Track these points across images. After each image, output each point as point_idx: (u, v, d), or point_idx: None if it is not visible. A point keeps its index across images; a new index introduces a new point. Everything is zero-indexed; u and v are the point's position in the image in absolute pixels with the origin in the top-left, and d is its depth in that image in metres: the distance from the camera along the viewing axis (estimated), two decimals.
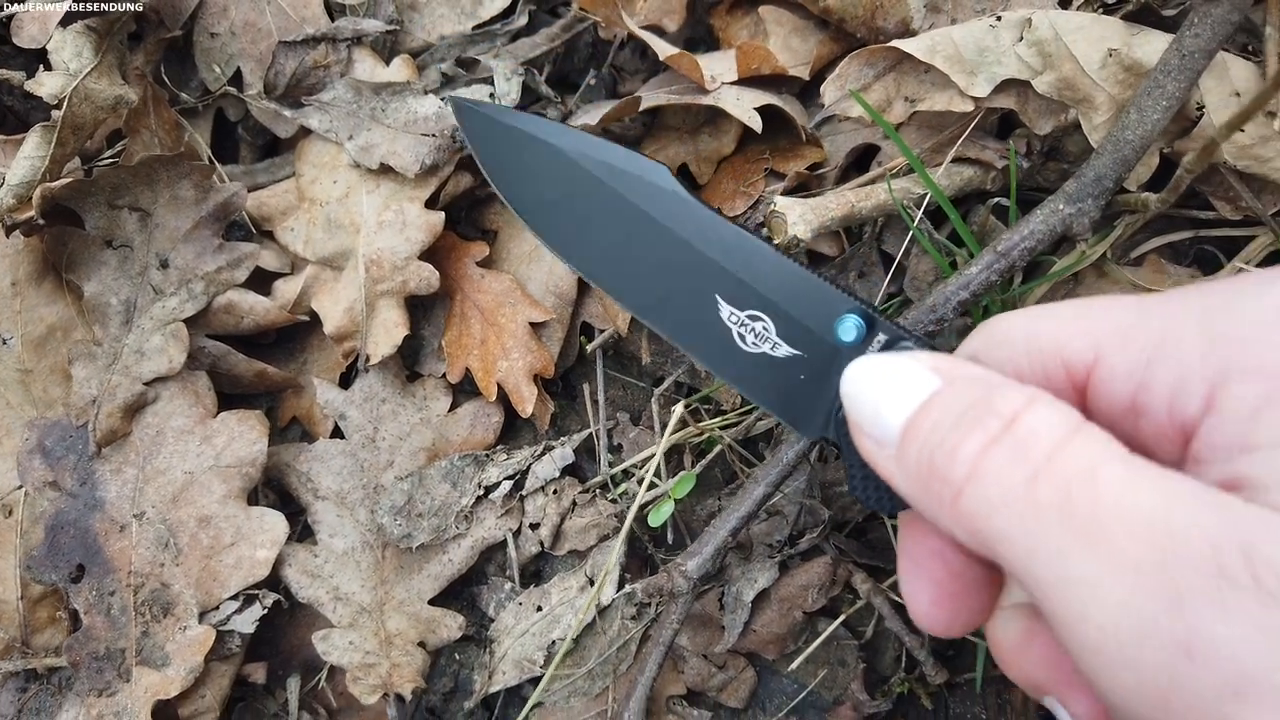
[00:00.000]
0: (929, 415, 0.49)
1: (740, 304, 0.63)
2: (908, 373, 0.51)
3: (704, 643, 1.12)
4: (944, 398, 0.49)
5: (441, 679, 1.16)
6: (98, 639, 1.07)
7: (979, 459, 0.44)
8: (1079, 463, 0.42)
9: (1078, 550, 0.40)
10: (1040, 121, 1.00)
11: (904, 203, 1.03)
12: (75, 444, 1.11)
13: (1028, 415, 0.45)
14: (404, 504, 1.14)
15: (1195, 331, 0.45)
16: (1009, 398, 0.46)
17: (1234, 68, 0.92)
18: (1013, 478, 0.43)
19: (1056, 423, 0.44)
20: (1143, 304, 0.48)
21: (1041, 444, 0.43)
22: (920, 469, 0.48)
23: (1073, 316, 0.51)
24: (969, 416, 0.46)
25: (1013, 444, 0.44)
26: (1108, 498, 0.40)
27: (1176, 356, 0.45)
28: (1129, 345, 0.47)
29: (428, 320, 1.21)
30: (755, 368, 0.63)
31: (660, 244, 0.65)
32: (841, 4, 1.08)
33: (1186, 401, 0.45)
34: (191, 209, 1.12)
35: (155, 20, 1.20)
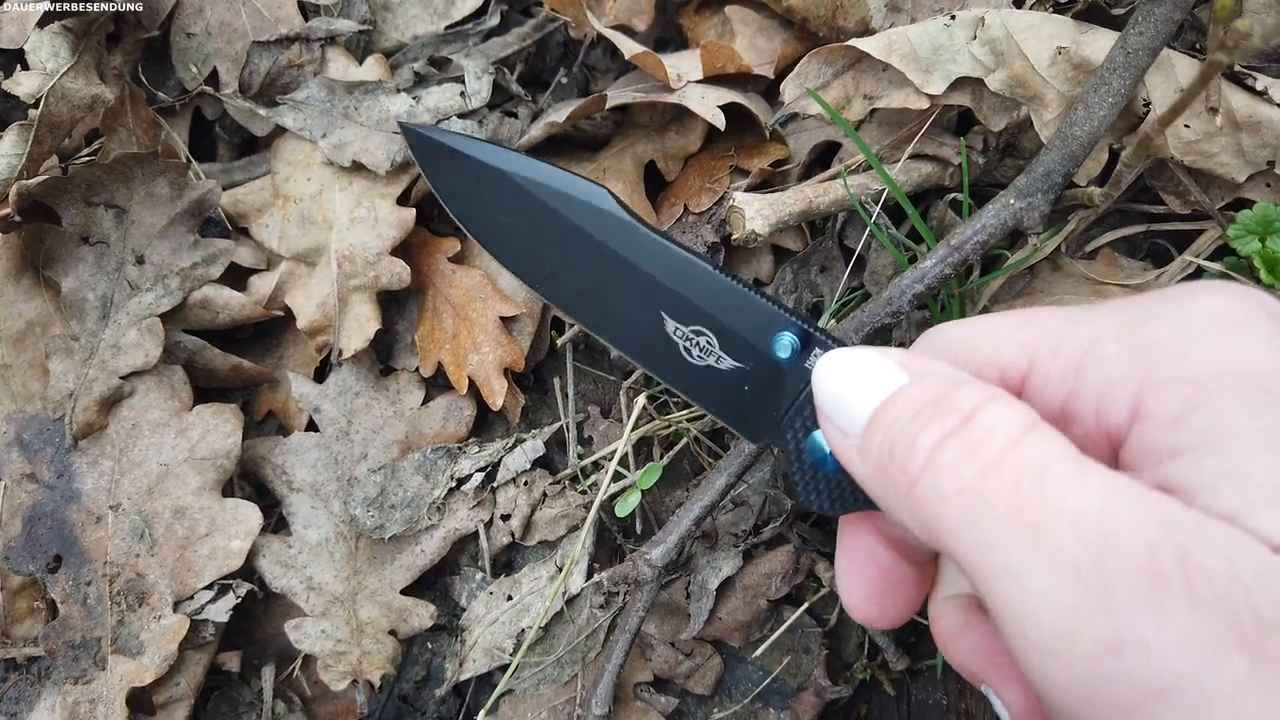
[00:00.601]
0: (893, 407, 0.50)
1: (684, 320, 0.65)
2: (877, 367, 0.53)
3: (671, 631, 1.14)
4: (909, 391, 0.50)
5: (414, 667, 1.18)
6: (74, 628, 1.09)
7: (935, 451, 0.46)
8: (1030, 460, 0.43)
9: (1020, 545, 0.41)
10: (994, 118, 1.02)
11: (863, 198, 1.05)
12: (52, 437, 1.13)
13: (985, 411, 0.46)
14: (377, 496, 1.16)
15: (1119, 341, 0.47)
16: (969, 394, 0.47)
17: (1179, 65, 0.94)
18: (965, 471, 0.44)
19: (1012, 420, 0.45)
20: (1071, 315, 0.50)
21: (996, 440, 0.44)
22: (881, 458, 0.49)
23: (1008, 327, 0.53)
24: (929, 410, 0.47)
25: (968, 438, 0.45)
26: (1053, 496, 0.42)
27: (1102, 365, 0.47)
28: (1059, 354, 0.49)
29: (401, 315, 1.23)
30: (702, 379, 0.65)
31: (604, 264, 0.67)
32: (804, 3, 1.10)
33: (1113, 409, 0.47)
34: (167, 206, 1.14)
35: (133, 20, 1.22)
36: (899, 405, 0.50)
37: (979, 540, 0.43)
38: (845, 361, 0.55)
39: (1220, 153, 0.94)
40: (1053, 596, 0.40)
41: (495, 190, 0.70)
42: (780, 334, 0.62)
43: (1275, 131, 0.92)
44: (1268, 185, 0.97)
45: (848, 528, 0.62)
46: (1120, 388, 0.46)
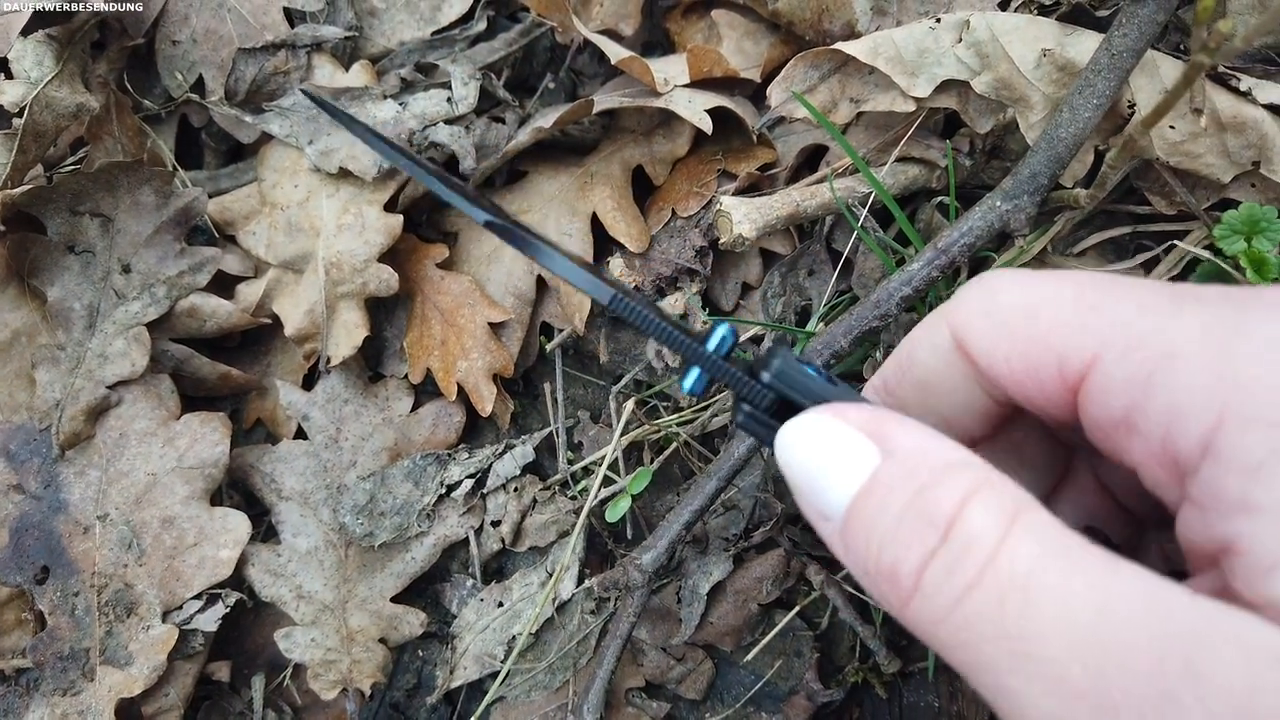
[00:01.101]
0: (869, 506, 0.46)
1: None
2: (845, 442, 0.48)
3: (662, 636, 1.13)
4: (885, 481, 0.46)
5: (405, 675, 1.18)
6: (62, 639, 1.09)
7: (920, 573, 0.42)
8: (1013, 571, 0.40)
9: (1015, 670, 0.38)
10: (980, 121, 1.02)
11: (850, 202, 1.05)
12: (39, 447, 1.12)
13: (964, 516, 0.42)
14: (366, 503, 1.16)
15: (1199, 356, 0.40)
16: (949, 491, 0.43)
17: (1164, 66, 0.94)
18: (950, 592, 0.41)
19: (993, 522, 0.41)
20: (1149, 306, 0.43)
21: (977, 552, 0.41)
22: (868, 569, 0.46)
23: (1075, 304, 0.46)
24: (909, 522, 0.43)
25: (949, 556, 0.42)
26: (1042, 612, 0.38)
27: (1178, 384, 0.41)
28: (1129, 357, 0.43)
29: (389, 322, 1.23)
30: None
31: None
32: (790, 7, 1.10)
33: (1183, 437, 0.41)
34: (153, 214, 1.14)
35: (118, 28, 1.21)
36: (877, 504, 0.45)
37: (974, 662, 0.40)
38: (809, 436, 0.50)
39: (1205, 153, 0.94)
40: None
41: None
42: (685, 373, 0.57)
43: (1259, 132, 0.92)
44: (1253, 185, 0.97)
45: None
46: (1195, 416, 0.40)
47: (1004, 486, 0.43)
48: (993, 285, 0.49)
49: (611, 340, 1.20)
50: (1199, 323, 0.41)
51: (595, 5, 1.22)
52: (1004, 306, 0.48)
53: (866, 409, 0.49)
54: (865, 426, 0.47)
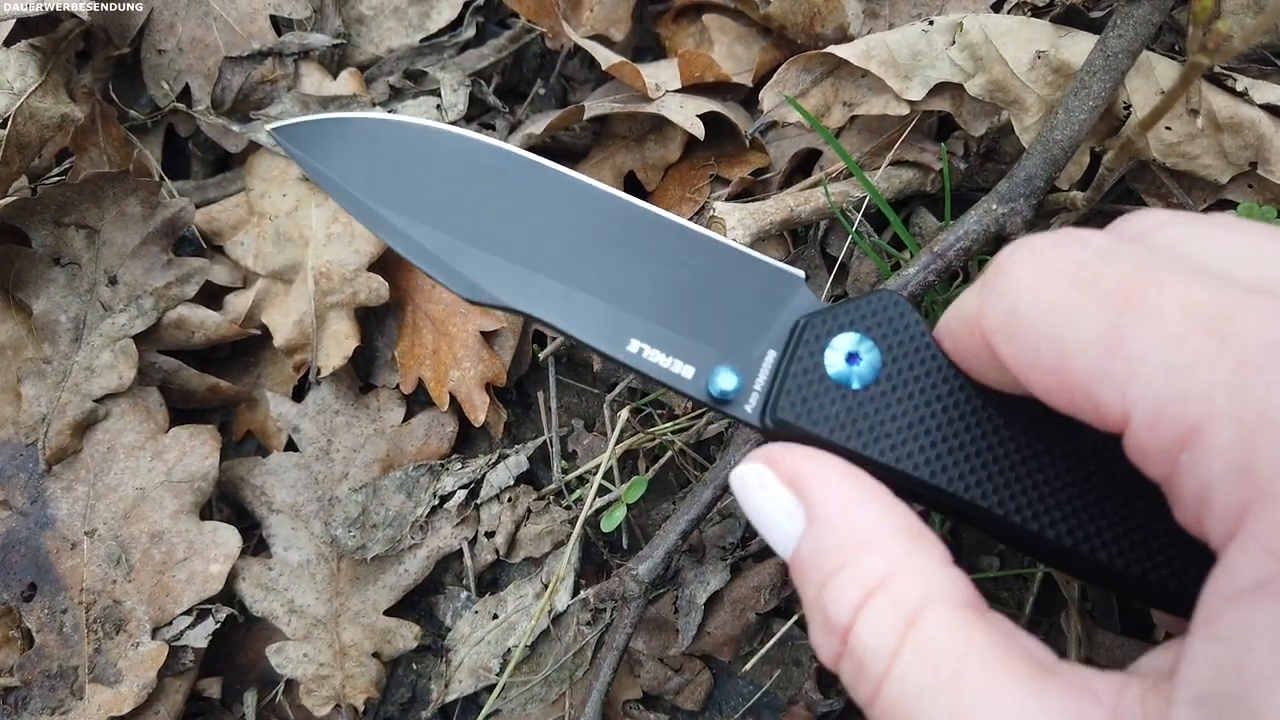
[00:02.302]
0: (799, 565, 0.48)
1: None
2: (774, 499, 0.49)
3: (659, 646, 1.12)
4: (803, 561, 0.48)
5: (399, 690, 1.16)
6: (50, 657, 1.07)
7: (834, 666, 0.45)
8: (902, 693, 0.40)
9: None
10: (975, 123, 1.01)
11: (844, 206, 1.04)
12: (25, 462, 1.11)
13: (856, 628, 0.43)
14: (358, 515, 1.14)
15: (1228, 447, 0.35)
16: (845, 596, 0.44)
17: (1159, 67, 0.94)
18: (862, 693, 0.42)
19: (885, 634, 0.42)
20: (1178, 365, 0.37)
21: (871, 666, 0.42)
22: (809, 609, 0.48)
23: (1098, 350, 0.40)
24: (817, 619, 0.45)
25: (850, 664, 0.43)
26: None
27: (1205, 472, 0.36)
28: (1158, 428, 0.38)
29: (380, 331, 1.22)
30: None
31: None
32: (781, 11, 1.09)
33: (1212, 517, 0.37)
34: (139, 225, 1.12)
35: (103, 38, 1.20)
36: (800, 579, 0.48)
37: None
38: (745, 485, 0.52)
39: (1202, 154, 0.94)
40: None
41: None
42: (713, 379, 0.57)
43: (1257, 132, 0.91)
44: (1250, 186, 0.96)
45: None
46: (1218, 516, 0.36)
47: (905, 583, 0.43)
48: (1010, 296, 0.44)
49: None
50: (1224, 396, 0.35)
51: (585, 10, 1.22)
52: (1025, 330, 0.43)
53: (797, 456, 0.50)
54: (792, 482, 0.49)
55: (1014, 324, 0.44)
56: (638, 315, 0.59)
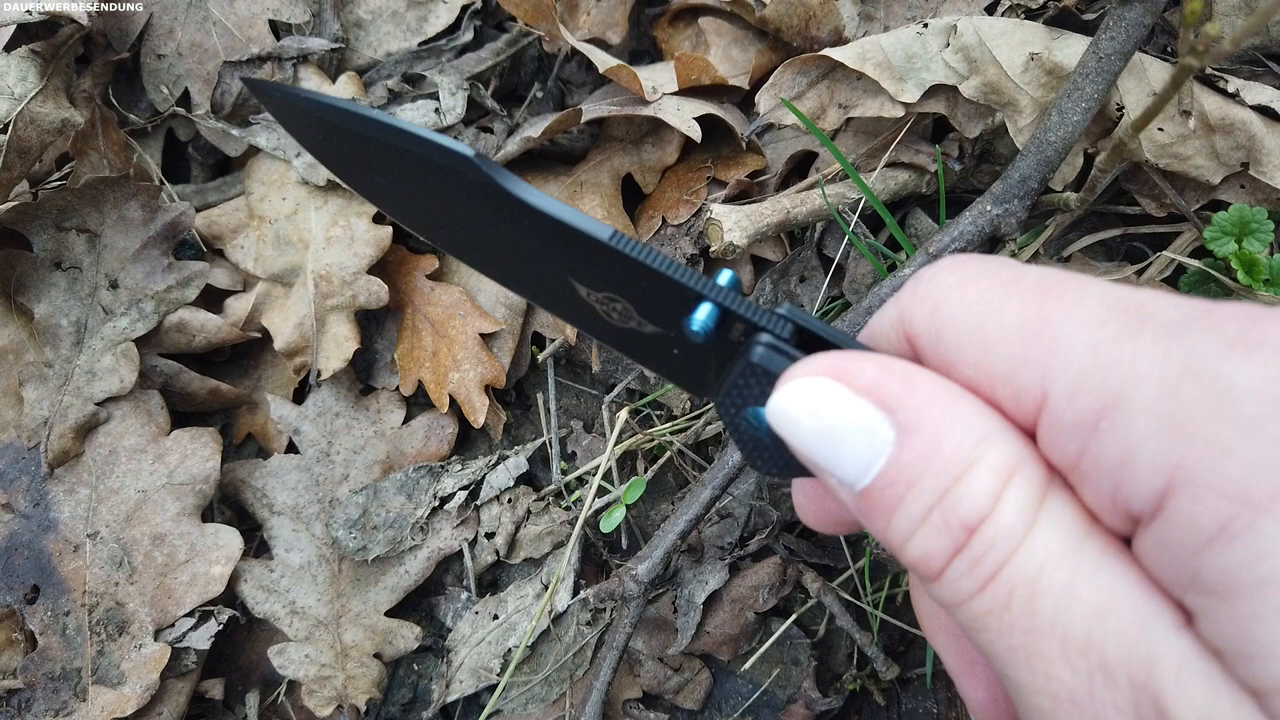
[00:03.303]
0: (892, 494, 0.42)
1: (595, 285, 0.55)
2: (854, 415, 0.43)
3: (659, 646, 1.13)
4: (908, 471, 0.42)
5: (401, 690, 1.17)
6: (53, 659, 1.08)
7: (945, 566, 0.41)
8: (1025, 569, 0.39)
9: (1016, 663, 0.39)
10: (969, 125, 1.02)
11: (840, 207, 1.05)
12: (28, 466, 1.11)
13: (996, 513, 0.40)
14: (359, 517, 1.15)
15: (1151, 408, 0.37)
16: (979, 487, 0.40)
17: (1151, 69, 0.95)
18: (969, 585, 0.41)
19: (1019, 514, 0.40)
20: (1098, 338, 0.39)
21: (999, 547, 0.40)
22: (889, 543, 0.44)
23: (1020, 334, 0.41)
24: (936, 520, 0.41)
25: (972, 552, 0.40)
26: (1043, 609, 0.38)
27: (1125, 436, 0.37)
28: (1075, 399, 0.39)
29: (380, 334, 1.22)
30: (631, 339, 0.57)
31: (495, 230, 0.56)
32: (777, 14, 1.10)
33: (1133, 494, 0.38)
34: (140, 229, 1.13)
35: (102, 43, 1.21)
36: (899, 495, 0.42)
37: (984, 648, 0.41)
38: (810, 405, 0.45)
39: (1194, 155, 0.94)
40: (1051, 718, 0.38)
41: (357, 150, 0.59)
42: (692, 313, 0.51)
43: (1248, 133, 0.92)
44: (1242, 187, 0.97)
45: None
46: (1145, 476, 0.37)
47: (1033, 468, 0.41)
48: (934, 296, 0.45)
49: (604, 349, 1.19)
50: (1149, 360, 0.37)
51: (582, 14, 1.22)
52: (949, 328, 0.44)
53: (874, 364, 0.44)
54: (875, 393, 0.43)
55: (938, 323, 0.45)
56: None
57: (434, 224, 0.60)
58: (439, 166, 0.55)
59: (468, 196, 0.55)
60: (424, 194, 0.58)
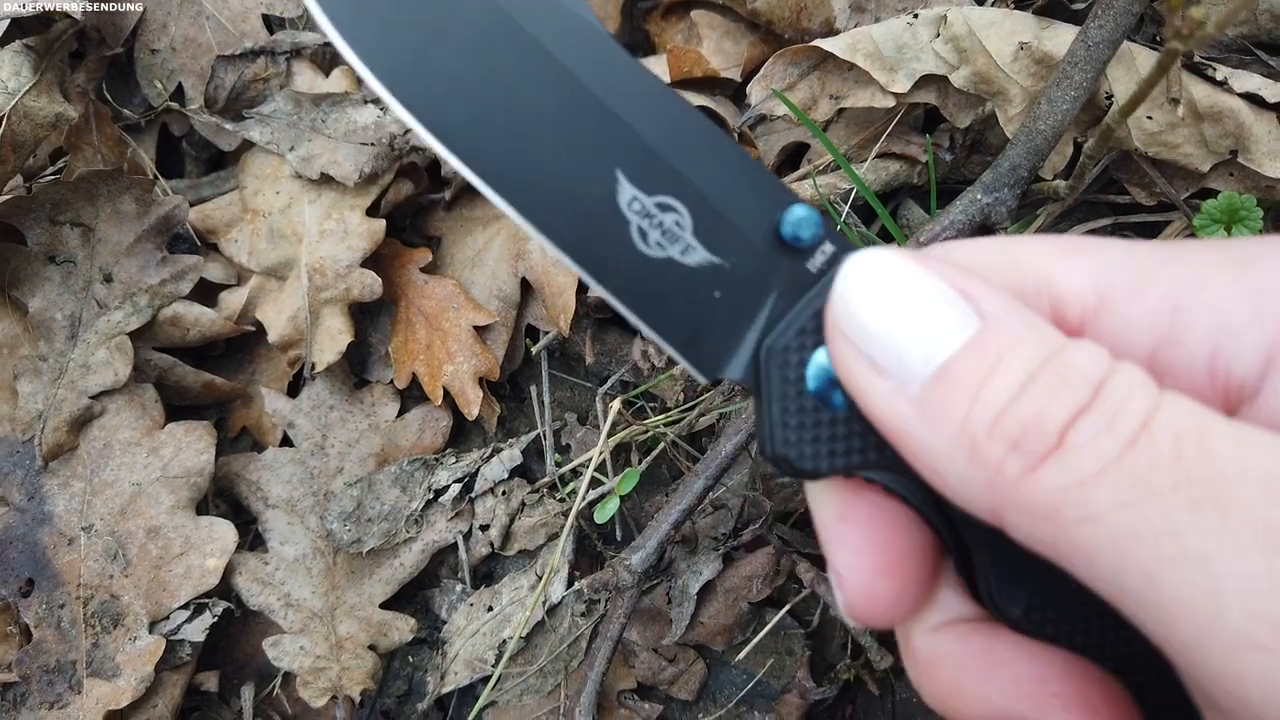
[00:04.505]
0: (981, 362, 0.38)
1: (649, 186, 0.46)
2: (935, 294, 0.40)
3: (653, 637, 1.13)
4: (999, 341, 0.38)
5: (396, 682, 1.17)
6: (48, 652, 1.08)
7: (1067, 429, 0.36)
8: (1183, 423, 0.35)
9: (1202, 522, 0.32)
10: (960, 115, 1.03)
11: (831, 198, 1.05)
12: (22, 459, 1.11)
13: (1116, 377, 0.36)
14: (354, 510, 1.15)
15: (1233, 280, 0.38)
16: (1088, 356, 0.37)
17: (1140, 57, 0.95)
18: (1108, 446, 0.35)
19: (1146, 383, 0.36)
20: (1148, 249, 0.40)
21: (1136, 407, 0.35)
22: (972, 430, 0.38)
23: (1063, 251, 0.42)
24: (1045, 380, 0.37)
25: (1104, 410, 0.35)
26: (1229, 457, 0.33)
27: (1216, 307, 0.38)
28: (1146, 290, 0.39)
29: (374, 327, 1.23)
30: (653, 276, 0.46)
31: (558, 94, 0.46)
32: (768, 6, 1.10)
33: (1236, 359, 0.38)
34: (133, 223, 1.13)
35: (96, 38, 1.21)
36: (992, 362, 0.38)
37: (1134, 526, 0.34)
38: (886, 275, 0.41)
39: (1183, 143, 0.95)
40: (1267, 577, 0.31)
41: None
42: (792, 207, 0.46)
43: (1236, 120, 0.92)
44: (1231, 174, 0.97)
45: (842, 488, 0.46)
46: (1246, 335, 0.37)
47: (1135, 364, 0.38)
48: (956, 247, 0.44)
49: (597, 342, 1.19)
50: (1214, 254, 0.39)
51: None
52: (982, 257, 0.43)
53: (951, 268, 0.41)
54: (955, 282, 0.40)
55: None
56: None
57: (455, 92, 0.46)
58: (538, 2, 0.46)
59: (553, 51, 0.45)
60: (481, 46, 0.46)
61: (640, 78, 0.46)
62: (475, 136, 0.46)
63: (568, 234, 0.46)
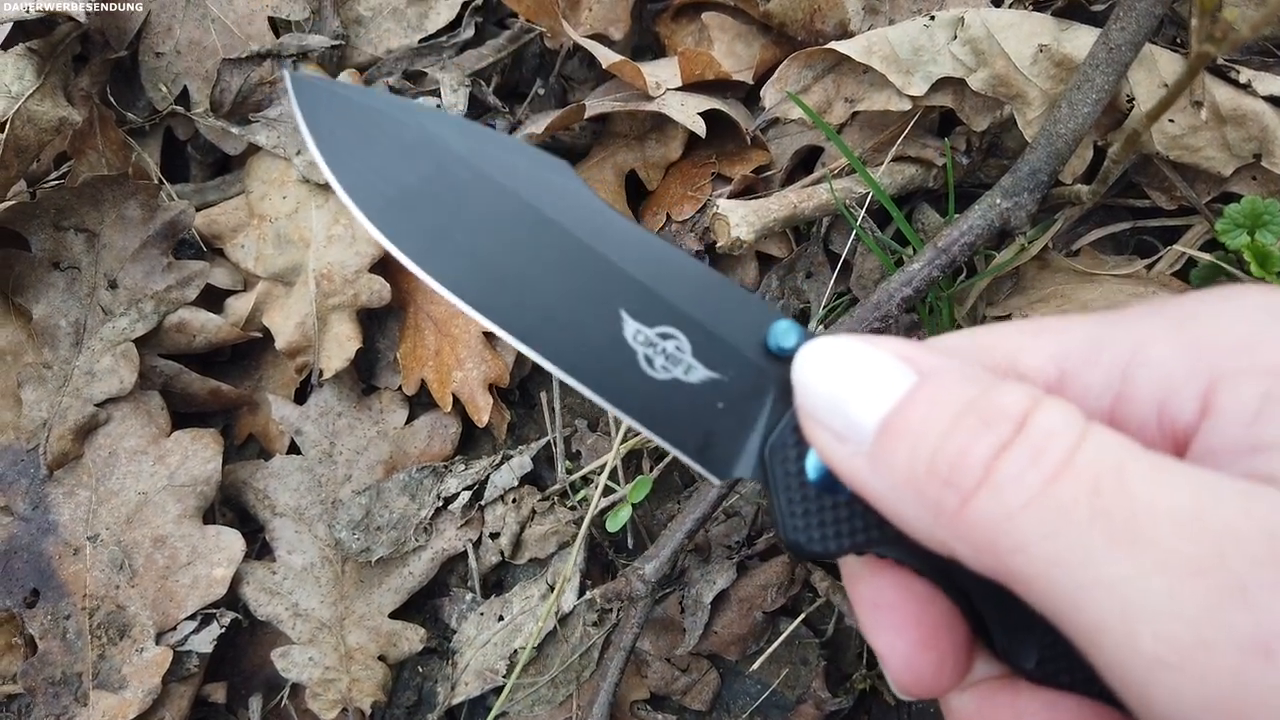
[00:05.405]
0: (914, 412, 0.43)
1: (649, 319, 0.52)
2: (875, 361, 0.45)
3: (666, 646, 1.12)
4: (929, 392, 0.43)
5: (405, 692, 1.15)
6: (54, 664, 1.06)
7: (992, 463, 0.39)
8: (1102, 460, 0.38)
9: (1116, 553, 0.36)
10: (977, 118, 1.01)
11: (847, 202, 1.04)
12: (27, 468, 1.10)
13: (1038, 414, 0.40)
14: (362, 518, 1.14)
15: (1172, 339, 0.43)
16: (1013, 396, 0.41)
17: (1161, 60, 0.94)
18: (1032, 480, 0.38)
19: (1069, 420, 0.40)
20: (1098, 321, 0.46)
21: (1060, 443, 0.39)
22: (913, 473, 0.42)
23: (1024, 334, 0.47)
24: (972, 417, 0.41)
25: (1028, 445, 0.39)
26: (1141, 493, 0.36)
27: (1157, 365, 0.43)
28: (1098, 359, 0.44)
29: (382, 333, 1.21)
30: (662, 397, 0.52)
31: (553, 248, 0.53)
32: (781, 8, 1.09)
33: (1178, 409, 0.42)
34: (139, 228, 1.12)
35: (100, 41, 1.19)
36: (923, 408, 0.42)
37: (1058, 555, 0.37)
38: (833, 353, 0.47)
39: (1206, 147, 0.94)
40: (1172, 602, 0.34)
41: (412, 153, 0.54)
42: (776, 323, 0.51)
43: (1260, 124, 0.91)
44: (1254, 178, 0.96)
45: (867, 569, 0.50)
46: (1184, 386, 0.42)
47: (1065, 401, 0.41)
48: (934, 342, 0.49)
49: None
50: (1154, 318, 0.44)
51: (584, 10, 1.21)
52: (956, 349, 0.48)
53: (896, 340, 0.46)
54: (895, 348, 0.45)
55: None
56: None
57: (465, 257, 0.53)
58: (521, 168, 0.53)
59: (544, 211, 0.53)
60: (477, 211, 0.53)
61: (626, 228, 0.53)
62: (497, 299, 0.53)
63: (584, 369, 0.53)
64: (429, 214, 0.53)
